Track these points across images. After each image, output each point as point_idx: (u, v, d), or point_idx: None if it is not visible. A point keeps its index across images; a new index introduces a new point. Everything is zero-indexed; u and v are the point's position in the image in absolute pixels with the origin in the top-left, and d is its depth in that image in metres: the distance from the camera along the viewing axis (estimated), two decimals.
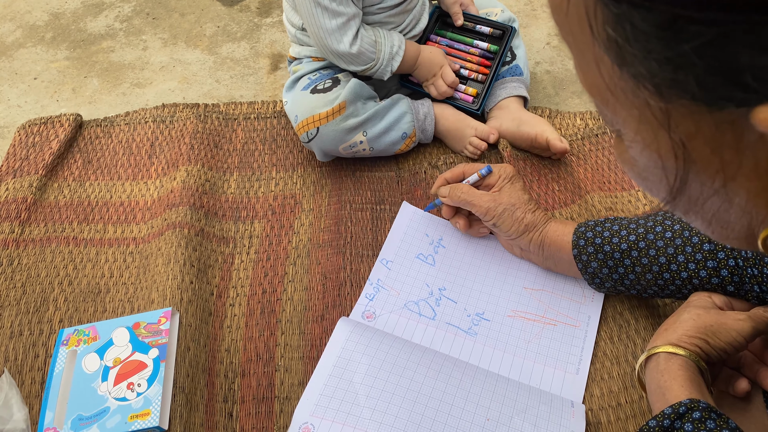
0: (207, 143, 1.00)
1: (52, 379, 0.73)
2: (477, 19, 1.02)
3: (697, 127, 0.26)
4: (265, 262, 0.86)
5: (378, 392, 0.66)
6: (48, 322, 0.80)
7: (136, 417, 0.68)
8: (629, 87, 0.27)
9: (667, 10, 0.23)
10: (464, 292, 0.81)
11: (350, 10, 0.87)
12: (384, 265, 0.83)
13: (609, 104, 0.29)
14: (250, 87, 1.15)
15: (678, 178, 0.29)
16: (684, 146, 0.27)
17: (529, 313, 0.79)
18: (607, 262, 0.71)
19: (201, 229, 0.88)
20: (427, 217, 0.88)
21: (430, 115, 0.97)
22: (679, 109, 0.26)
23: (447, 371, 0.69)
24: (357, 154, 0.94)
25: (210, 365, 0.76)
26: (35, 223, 0.91)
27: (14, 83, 1.18)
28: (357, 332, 0.72)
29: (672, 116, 0.26)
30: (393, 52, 0.92)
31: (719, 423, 0.52)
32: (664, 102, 0.26)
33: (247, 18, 1.29)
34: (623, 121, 0.29)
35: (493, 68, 0.98)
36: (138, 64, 1.21)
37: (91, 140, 1.04)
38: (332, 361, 0.69)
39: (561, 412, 0.68)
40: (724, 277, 0.65)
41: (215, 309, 0.81)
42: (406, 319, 0.78)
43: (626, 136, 0.30)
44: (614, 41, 0.26)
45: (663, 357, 0.59)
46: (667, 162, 0.29)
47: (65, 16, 1.33)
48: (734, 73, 0.23)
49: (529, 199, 0.78)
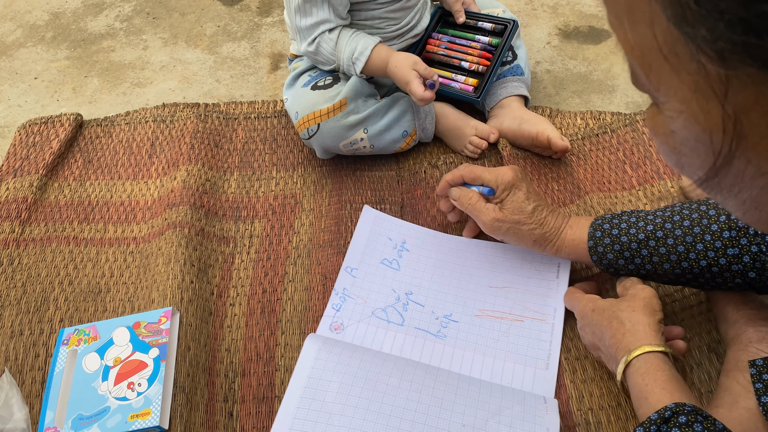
0: (207, 143, 1.00)
1: (52, 379, 0.73)
2: (479, 16, 1.03)
3: (757, 98, 0.24)
4: (265, 262, 0.86)
5: (352, 410, 0.65)
6: (48, 321, 0.80)
7: (137, 416, 0.68)
8: (686, 51, 0.24)
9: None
10: (431, 295, 0.81)
11: (321, 15, 0.88)
12: (349, 273, 0.82)
13: (654, 69, 0.26)
14: (250, 86, 1.15)
15: (722, 154, 0.26)
16: (737, 119, 0.25)
17: (496, 311, 0.79)
18: (623, 253, 0.70)
19: (201, 228, 0.88)
20: (388, 221, 0.88)
21: (431, 113, 0.97)
22: (742, 77, 0.23)
23: (420, 380, 0.69)
24: (357, 151, 0.94)
25: (210, 365, 0.76)
26: (36, 223, 0.91)
27: (15, 83, 1.18)
28: (325, 349, 0.70)
29: (731, 85, 0.24)
30: (354, 58, 0.90)
31: (706, 425, 0.52)
32: (725, 69, 0.23)
33: (248, 17, 1.29)
34: (668, 89, 0.27)
35: (495, 58, 0.98)
36: (138, 64, 1.21)
37: (91, 140, 1.04)
38: (303, 382, 0.68)
39: (535, 410, 0.68)
40: (746, 263, 0.65)
41: (215, 308, 0.81)
42: (374, 327, 0.77)
43: (668, 106, 0.28)
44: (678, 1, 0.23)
45: (642, 359, 0.60)
46: (715, 136, 0.26)
47: (65, 15, 1.33)
48: None
49: (535, 210, 0.75)
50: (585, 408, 0.71)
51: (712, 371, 0.72)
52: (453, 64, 1.00)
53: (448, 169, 0.97)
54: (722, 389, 0.64)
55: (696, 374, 0.72)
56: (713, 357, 0.73)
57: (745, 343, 0.66)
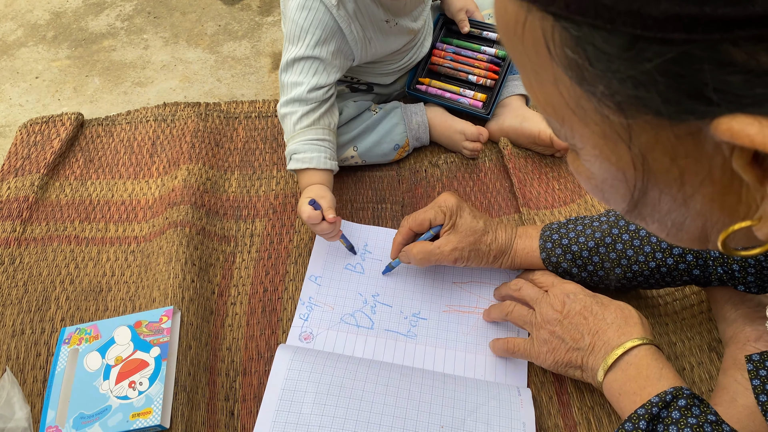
0: (208, 142, 1.00)
1: (53, 378, 0.73)
2: (483, 25, 1.02)
3: (657, 139, 0.27)
4: (266, 261, 0.86)
5: (330, 420, 0.65)
6: (50, 320, 0.81)
7: (138, 415, 0.68)
8: (590, 105, 0.27)
9: (629, 31, 0.23)
10: (398, 295, 0.81)
11: (313, 80, 0.81)
12: (313, 282, 0.82)
13: (566, 122, 0.30)
14: (251, 86, 1.15)
15: (637, 188, 0.30)
16: (644, 157, 0.28)
17: (462, 306, 0.80)
18: (576, 261, 0.72)
19: (202, 227, 0.88)
20: (348, 225, 0.87)
21: (424, 123, 0.97)
22: (641, 123, 0.26)
23: (395, 383, 0.69)
24: (349, 165, 0.94)
25: (211, 364, 0.76)
26: (37, 222, 0.91)
27: (16, 82, 1.18)
28: (298, 359, 0.70)
29: (633, 130, 0.27)
30: (291, 153, 0.83)
31: (702, 409, 0.54)
32: (625, 118, 0.26)
33: (248, 17, 1.29)
34: (581, 137, 0.30)
35: (503, 73, 0.98)
36: (139, 63, 1.21)
37: (92, 139, 1.04)
38: (277, 395, 0.67)
39: (510, 404, 0.68)
40: (690, 262, 0.67)
41: (216, 307, 0.81)
42: (344, 333, 0.77)
43: (584, 152, 0.31)
44: (574, 62, 0.26)
45: (635, 351, 0.61)
46: (627, 173, 0.29)
47: (66, 15, 1.33)
48: (696, 88, 0.24)
49: (486, 225, 0.75)
50: (586, 407, 0.71)
51: (712, 370, 0.72)
52: (460, 77, 1.00)
53: (448, 168, 0.97)
54: (720, 387, 0.64)
55: (696, 373, 0.72)
56: (713, 356, 0.74)
57: (743, 341, 0.66)
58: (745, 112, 0.23)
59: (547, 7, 0.26)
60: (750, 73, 0.23)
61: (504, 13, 0.29)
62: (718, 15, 0.22)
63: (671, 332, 0.76)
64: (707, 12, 0.22)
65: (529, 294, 0.72)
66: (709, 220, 0.30)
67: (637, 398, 0.58)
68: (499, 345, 0.74)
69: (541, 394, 0.72)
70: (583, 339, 0.64)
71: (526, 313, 0.71)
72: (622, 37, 0.24)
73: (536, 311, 0.69)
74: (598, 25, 0.24)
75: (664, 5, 0.22)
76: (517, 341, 0.71)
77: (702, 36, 0.22)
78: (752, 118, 0.23)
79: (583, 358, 0.64)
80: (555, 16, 0.26)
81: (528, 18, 0.27)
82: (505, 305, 0.74)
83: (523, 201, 0.90)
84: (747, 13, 0.21)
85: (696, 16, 0.22)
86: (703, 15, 0.22)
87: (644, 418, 0.54)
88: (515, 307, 0.73)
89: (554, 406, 0.71)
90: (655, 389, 0.57)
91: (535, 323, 0.69)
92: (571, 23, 0.25)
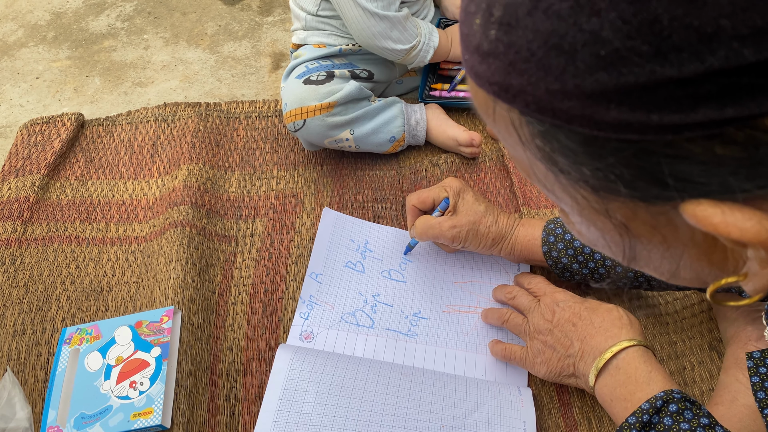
0: (208, 142, 1.00)
1: (54, 378, 0.73)
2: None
3: (635, 214, 0.28)
4: (266, 261, 0.86)
5: (330, 419, 0.65)
6: (50, 320, 0.81)
7: (139, 415, 0.68)
8: (567, 183, 0.28)
9: (585, 132, 0.24)
10: (398, 294, 0.81)
11: None
12: (314, 280, 0.81)
13: (549, 190, 0.31)
14: (251, 86, 1.15)
15: (627, 247, 0.31)
16: (626, 227, 0.29)
17: (463, 306, 0.80)
18: (577, 257, 0.71)
19: (203, 227, 0.88)
20: (349, 222, 0.87)
21: (422, 121, 0.97)
22: (616, 204, 0.27)
23: (396, 383, 0.69)
24: (342, 148, 0.94)
25: (212, 363, 0.76)
26: (37, 222, 0.91)
27: (16, 83, 1.19)
28: (298, 359, 0.70)
29: (610, 207, 0.28)
30: (430, 30, 0.93)
31: (695, 412, 0.53)
32: (601, 198, 0.28)
33: (249, 17, 1.29)
34: (565, 204, 0.31)
35: None
36: (140, 64, 1.21)
37: (93, 139, 1.04)
38: (278, 395, 0.67)
39: (510, 404, 0.68)
40: None
41: (217, 307, 0.81)
42: (345, 332, 0.77)
43: (571, 216, 0.32)
44: (545, 152, 0.27)
45: (623, 354, 0.60)
46: (613, 237, 0.30)
47: (67, 15, 1.33)
48: (658, 178, 0.24)
49: (487, 209, 0.76)
50: (587, 406, 0.71)
51: (713, 369, 0.72)
52: None
53: (449, 168, 0.97)
54: (721, 386, 0.64)
55: (697, 372, 0.72)
56: (714, 355, 0.73)
57: (744, 340, 0.66)
58: (710, 198, 0.24)
59: (510, 104, 0.26)
60: (708, 164, 0.23)
61: (476, 97, 0.29)
62: (665, 122, 0.22)
63: (672, 331, 0.76)
64: (655, 120, 0.23)
65: (522, 303, 0.73)
66: (701, 273, 0.30)
67: (628, 404, 0.57)
68: (497, 350, 0.74)
69: (541, 394, 0.72)
70: (572, 346, 0.64)
71: (521, 322, 0.72)
72: (581, 135, 0.25)
73: (529, 321, 0.70)
74: (558, 123, 0.25)
75: (613, 113, 0.23)
76: (514, 349, 0.72)
77: (655, 137, 0.23)
78: (715, 206, 0.24)
79: (575, 364, 0.64)
80: (520, 111, 0.26)
81: (496, 108, 0.28)
82: (501, 312, 0.75)
83: (523, 200, 0.90)
84: (691, 120, 0.22)
85: (645, 122, 0.23)
86: (651, 122, 0.23)
87: (635, 427, 0.53)
88: (511, 316, 0.73)
89: (555, 406, 0.71)
90: (644, 394, 0.56)
91: (528, 333, 0.69)
92: (535, 119, 0.26)
